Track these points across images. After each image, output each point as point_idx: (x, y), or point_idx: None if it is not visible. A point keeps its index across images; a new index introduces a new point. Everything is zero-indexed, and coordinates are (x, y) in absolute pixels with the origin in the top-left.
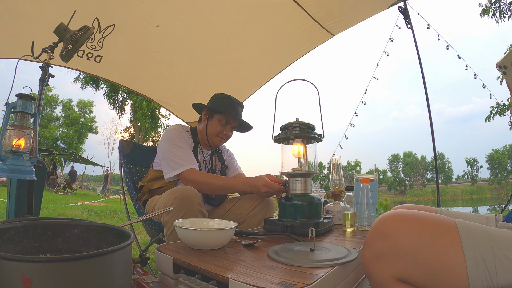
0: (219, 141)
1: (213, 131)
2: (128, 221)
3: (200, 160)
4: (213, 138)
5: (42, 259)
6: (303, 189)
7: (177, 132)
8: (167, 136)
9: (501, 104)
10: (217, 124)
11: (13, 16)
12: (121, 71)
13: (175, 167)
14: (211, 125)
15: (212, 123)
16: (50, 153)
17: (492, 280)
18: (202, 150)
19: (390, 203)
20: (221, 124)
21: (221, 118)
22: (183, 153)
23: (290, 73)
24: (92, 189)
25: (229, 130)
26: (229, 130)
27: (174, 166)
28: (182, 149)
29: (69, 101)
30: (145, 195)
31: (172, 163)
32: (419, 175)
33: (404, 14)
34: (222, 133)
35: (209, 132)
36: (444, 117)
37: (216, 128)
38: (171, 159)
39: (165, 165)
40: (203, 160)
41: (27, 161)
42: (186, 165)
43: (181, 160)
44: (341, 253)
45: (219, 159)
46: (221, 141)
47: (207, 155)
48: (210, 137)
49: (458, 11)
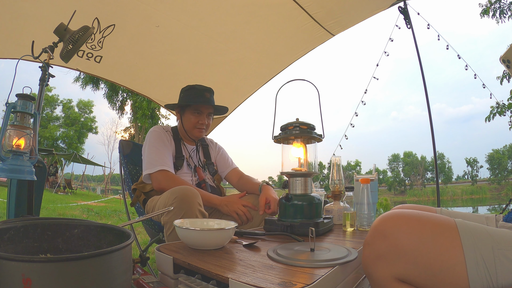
0: (198, 132)
1: (189, 125)
2: (128, 221)
3: (186, 156)
4: (192, 131)
5: (42, 259)
6: (303, 189)
7: (156, 133)
8: (147, 138)
9: (501, 104)
10: (190, 117)
11: (13, 16)
12: (121, 71)
13: (147, 166)
14: (186, 120)
15: (186, 117)
16: (50, 153)
17: (492, 280)
18: (186, 146)
19: (390, 203)
20: (194, 115)
21: (192, 111)
22: (157, 154)
23: (290, 73)
24: (92, 189)
25: (205, 118)
26: (204, 118)
27: (147, 166)
28: (157, 150)
29: (69, 101)
30: (141, 197)
31: (147, 163)
32: (419, 175)
33: (404, 14)
34: (198, 124)
35: (186, 127)
36: (444, 117)
37: (191, 120)
38: (146, 159)
39: (143, 164)
40: (189, 155)
41: (27, 161)
42: (158, 166)
43: (154, 161)
44: (341, 253)
45: (205, 155)
46: (200, 131)
47: (192, 151)
48: (188, 132)
49: (458, 11)
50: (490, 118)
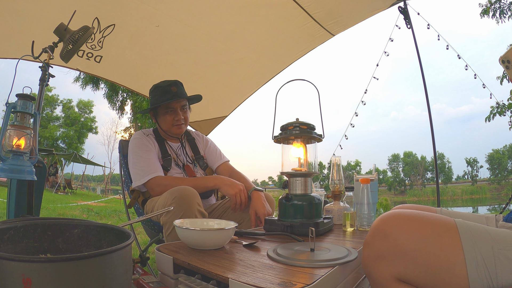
0: (177, 129)
1: (166, 125)
2: (128, 221)
3: (173, 156)
4: (171, 130)
5: (42, 259)
6: (303, 189)
7: (137, 140)
8: (130, 146)
9: (501, 104)
10: (164, 117)
11: (13, 16)
12: (121, 71)
13: (137, 178)
14: (161, 121)
15: (161, 119)
16: (50, 153)
17: (492, 280)
18: (170, 146)
19: (390, 203)
20: (168, 114)
21: (163, 110)
22: (145, 162)
23: (290, 73)
24: (92, 189)
25: (179, 113)
26: (179, 114)
27: (136, 178)
28: (144, 158)
29: (69, 101)
30: (140, 199)
31: (135, 175)
32: (419, 175)
33: (404, 14)
34: (174, 121)
35: (163, 127)
36: (444, 117)
37: (166, 120)
38: (132, 170)
39: (132, 175)
40: (175, 155)
41: (27, 161)
42: (149, 175)
43: (142, 171)
44: (341, 253)
45: (193, 149)
46: (179, 128)
47: (178, 148)
48: (168, 132)
49: (458, 11)
50: (490, 118)
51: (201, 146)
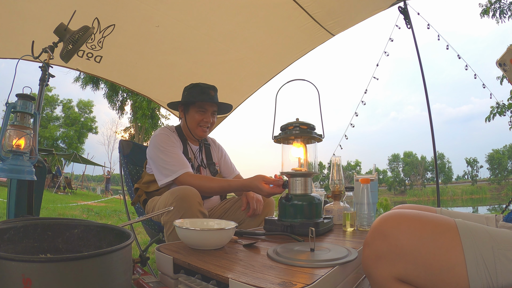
0: (201, 131)
1: (193, 123)
2: (128, 221)
3: (191, 157)
4: (195, 130)
5: (42, 259)
6: (303, 189)
7: (163, 136)
8: (154, 142)
9: (501, 104)
10: (194, 115)
11: (13, 16)
12: (121, 71)
13: (167, 173)
14: (189, 118)
15: (190, 115)
16: (50, 153)
17: (492, 280)
18: (191, 147)
19: (390, 203)
20: (199, 113)
21: (196, 108)
22: (173, 158)
23: (290, 73)
24: (92, 189)
25: (209, 116)
26: (208, 116)
27: (166, 173)
28: (172, 153)
29: (69, 101)
30: (142, 197)
31: (164, 170)
32: (419, 175)
33: (404, 14)
34: (202, 122)
35: (189, 125)
36: (444, 117)
37: (195, 118)
38: (162, 166)
39: (157, 172)
40: (194, 156)
41: (27, 161)
42: (180, 170)
43: (172, 166)
44: (341, 253)
45: (206, 155)
46: (203, 130)
47: (196, 151)
48: (192, 130)
49: (458, 11)
50: (490, 118)
51: (215, 154)
